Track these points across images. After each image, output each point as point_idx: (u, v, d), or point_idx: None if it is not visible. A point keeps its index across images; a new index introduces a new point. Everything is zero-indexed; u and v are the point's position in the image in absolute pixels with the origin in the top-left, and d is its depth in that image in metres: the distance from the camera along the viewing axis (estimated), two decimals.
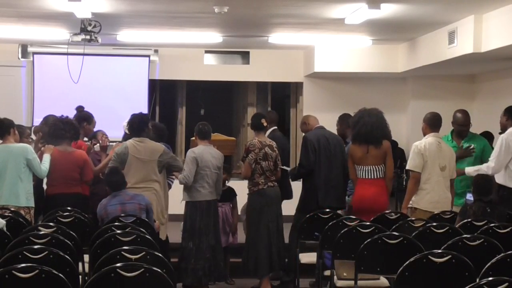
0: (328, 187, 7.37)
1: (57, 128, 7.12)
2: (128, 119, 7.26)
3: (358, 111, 7.32)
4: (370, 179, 7.09)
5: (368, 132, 7.03)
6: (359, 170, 7.11)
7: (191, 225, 7.18)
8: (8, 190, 6.76)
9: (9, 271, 3.84)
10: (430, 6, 7.80)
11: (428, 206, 6.89)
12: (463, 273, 4.43)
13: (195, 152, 7.19)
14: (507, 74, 10.14)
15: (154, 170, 6.89)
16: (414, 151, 7.01)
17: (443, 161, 7.01)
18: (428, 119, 7.22)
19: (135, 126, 7.01)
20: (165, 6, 7.92)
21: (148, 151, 6.90)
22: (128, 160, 6.81)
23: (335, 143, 7.55)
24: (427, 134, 7.14)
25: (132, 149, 6.86)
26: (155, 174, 6.89)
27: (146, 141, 6.95)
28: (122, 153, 6.85)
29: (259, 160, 7.16)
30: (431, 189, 6.94)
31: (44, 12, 8.18)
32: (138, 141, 6.92)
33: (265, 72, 11.66)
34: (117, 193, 6.33)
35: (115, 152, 6.94)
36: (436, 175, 6.97)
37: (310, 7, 7.80)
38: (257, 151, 7.16)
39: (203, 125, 7.40)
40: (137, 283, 3.93)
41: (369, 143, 7.05)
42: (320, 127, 7.68)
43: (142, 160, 6.85)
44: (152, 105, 11.48)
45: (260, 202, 7.18)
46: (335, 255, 5.61)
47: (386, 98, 11.45)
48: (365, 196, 7.02)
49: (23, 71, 11.15)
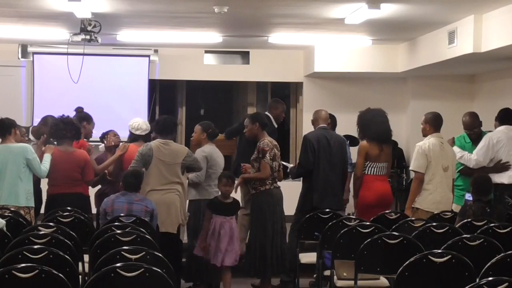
0: (326, 188, 7.36)
1: (58, 128, 7.12)
2: (135, 119, 7.33)
3: (365, 111, 7.51)
4: (382, 176, 7.30)
5: (385, 131, 7.36)
6: (372, 167, 7.23)
7: (195, 224, 7.18)
8: (8, 190, 6.77)
9: (9, 271, 3.84)
10: (430, 6, 7.80)
11: (431, 206, 6.92)
12: (463, 273, 4.43)
13: (205, 152, 7.21)
14: (507, 74, 10.14)
15: (177, 173, 6.84)
16: (418, 152, 7.03)
17: (446, 161, 7.06)
18: (431, 119, 7.24)
19: (160, 126, 6.99)
20: (165, 6, 7.92)
21: (172, 154, 6.84)
22: (152, 161, 6.76)
23: (337, 145, 7.53)
24: (430, 135, 7.15)
25: (157, 151, 6.79)
26: (178, 177, 6.84)
27: (170, 143, 6.92)
28: (146, 154, 6.78)
29: (270, 161, 7.13)
30: (433, 190, 6.98)
31: (44, 12, 8.18)
32: (163, 143, 6.85)
33: (265, 72, 11.66)
34: (127, 193, 6.39)
35: (139, 151, 6.85)
36: (439, 176, 7.00)
37: (310, 7, 7.80)
38: (269, 151, 7.12)
39: (213, 128, 7.39)
40: (137, 283, 3.94)
41: (384, 141, 7.31)
42: (323, 127, 7.65)
43: (166, 162, 6.80)
44: (152, 105, 11.48)
45: (268, 202, 7.15)
46: (335, 255, 5.62)
47: (386, 98, 11.44)
48: (382, 191, 7.24)
49: (23, 71, 11.14)
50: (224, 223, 6.83)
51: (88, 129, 7.86)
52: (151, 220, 6.32)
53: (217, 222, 6.83)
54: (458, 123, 11.23)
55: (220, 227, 6.81)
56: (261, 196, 7.16)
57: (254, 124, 7.27)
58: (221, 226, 6.82)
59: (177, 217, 6.76)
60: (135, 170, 6.63)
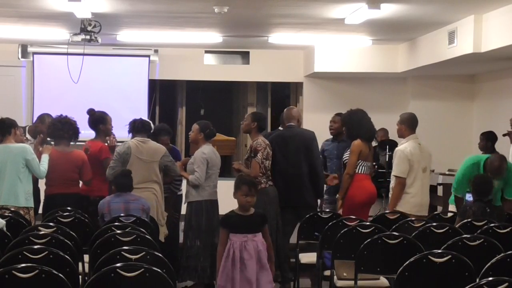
0: (287, 185, 7.35)
1: (56, 128, 7.12)
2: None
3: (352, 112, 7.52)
4: (368, 175, 7.31)
5: (374, 130, 7.48)
6: (363, 166, 7.25)
7: (197, 224, 7.18)
8: (7, 191, 6.76)
9: (9, 271, 3.84)
10: (430, 6, 7.80)
11: (412, 209, 6.97)
12: (463, 273, 4.43)
13: (206, 153, 7.21)
14: (507, 74, 10.14)
15: (155, 171, 6.88)
16: (400, 157, 7.04)
17: (424, 162, 7.17)
18: (406, 120, 7.24)
19: (138, 125, 7.01)
20: (165, 6, 7.92)
21: (150, 152, 6.89)
22: (130, 160, 6.81)
23: (298, 141, 7.41)
24: (407, 137, 7.16)
25: (135, 149, 6.85)
26: (156, 175, 6.89)
27: (148, 141, 6.96)
28: (124, 153, 6.83)
29: (263, 160, 7.19)
30: (415, 193, 7.05)
31: (44, 12, 8.18)
32: (140, 141, 6.91)
33: (265, 72, 11.67)
34: (121, 194, 6.38)
35: (117, 151, 6.93)
36: (420, 179, 7.07)
37: (310, 7, 7.80)
38: (262, 151, 7.18)
39: (210, 128, 7.39)
40: (137, 283, 3.93)
41: (371, 140, 7.39)
42: (289, 126, 7.58)
43: (144, 160, 6.84)
44: (152, 105, 11.49)
45: (264, 201, 7.18)
46: (335, 255, 5.61)
47: (386, 98, 11.46)
48: (373, 190, 7.27)
49: (23, 71, 11.15)
50: (246, 243, 5.19)
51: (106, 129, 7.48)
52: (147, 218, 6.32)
53: (235, 244, 5.20)
54: (458, 123, 11.30)
55: (241, 250, 5.18)
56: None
57: (253, 122, 7.34)
58: (243, 248, 5.19)
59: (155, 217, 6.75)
60: (125, 170, 6.60)
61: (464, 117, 11.28)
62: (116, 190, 6.46)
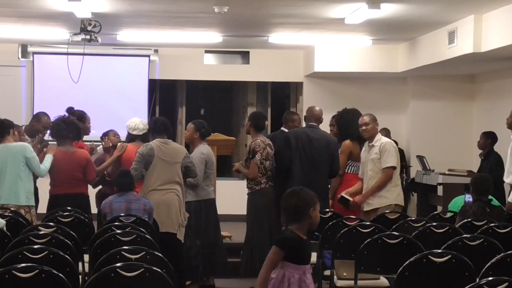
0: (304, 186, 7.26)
1: (60, 128, 7.11)
2: (132, 119, 7.36)
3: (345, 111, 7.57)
4: (357, 174, 7.33)
5: None
6: (353, 166, 7.34)
7: (196, 223, 7.19)
8: (7, 189, 6.76)
9: (9, 271, 3.84)
10: (430, 6, 7.80)
11: (402, 201, 7.12)
12: (463, 273, 4.43)
13: (204, 153, 7.22)
14: (507, 74, 10.14)
15: (178, 172, 6.79)
16: (395, 149, 7.09)
17: None
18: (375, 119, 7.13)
19: (160, 126, 6.91)
20: (165, 6, 7.92)
21: (173, 153, 6.81)
22: (153, 161, 6.70)
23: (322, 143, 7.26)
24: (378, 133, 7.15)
25: (158, 150, 6.74)
26: (178, 176, 6.80)
27: (170, 142, 6.90)
28: (147, 154, 6.70)
29: (263, 160, 7.19)
30: (399, 184, 7.16)
31: (44, 12, 8.18)
32: (163, 143, 6.81)
33: (265, 72, 11.67)
34: (124, 193, 6.39)
35: (139, 152, 6.77)
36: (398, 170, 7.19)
37: (310, 7, 7.80)
38: (261, 151, 7.19)
39: (206, 127, 7.38)
40: (137, 283, 3.93)
41: (363, 141, 7.31)
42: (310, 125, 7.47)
43: (167, 162, 6.75)
44: (152, 105, 11.49)
45: (263, 201, 7.20)
46: (335, 255, 5.61)
47: (386, 98, 11.46)
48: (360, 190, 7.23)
49: (23, 71, 11.16)
50: (305, 276, 3.90)
51: (84, 127, 7.71)
52: (149, 219, 6.32)
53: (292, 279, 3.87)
54: (458, 123, 11.29)
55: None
56: (256, 195, 7.27)
57: (248, 121, 7.50)
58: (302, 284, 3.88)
59: (177, 218, 6.74)
60: (124, 170, 6.60)
61: (464, 117, 11.27)
62: (118, 190, 6.46)
